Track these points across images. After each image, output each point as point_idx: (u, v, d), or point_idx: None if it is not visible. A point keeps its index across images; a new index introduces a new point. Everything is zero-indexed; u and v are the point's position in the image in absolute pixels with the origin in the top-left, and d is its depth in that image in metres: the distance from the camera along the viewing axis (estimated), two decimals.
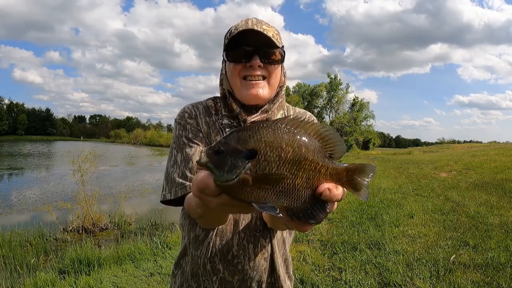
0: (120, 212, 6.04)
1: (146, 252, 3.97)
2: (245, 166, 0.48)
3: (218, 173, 0.49)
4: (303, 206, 0.53)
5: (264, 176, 0.49)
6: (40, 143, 53.49)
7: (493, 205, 5.98)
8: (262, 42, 0.91)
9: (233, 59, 0.94)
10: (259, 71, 0.93)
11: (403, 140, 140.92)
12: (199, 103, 1.03)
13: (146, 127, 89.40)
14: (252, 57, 0.91)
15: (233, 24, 0.98)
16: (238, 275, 0.96)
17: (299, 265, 3.48)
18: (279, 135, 0.50)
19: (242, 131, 0.51)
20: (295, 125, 0.52)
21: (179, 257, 1.05)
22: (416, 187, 8.52)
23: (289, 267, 1.07)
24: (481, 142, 64.06)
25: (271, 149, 0.49)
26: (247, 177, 0.48)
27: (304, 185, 0.52)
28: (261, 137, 0.50)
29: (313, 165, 0.52)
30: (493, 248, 3.79)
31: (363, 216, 5.49)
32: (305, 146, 0.51)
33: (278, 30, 0.99)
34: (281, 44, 0.96)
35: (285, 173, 0.50)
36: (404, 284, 3.02)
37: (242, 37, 0.91)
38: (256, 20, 0.95)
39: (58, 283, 3.15)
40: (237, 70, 0.94)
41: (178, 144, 0.96)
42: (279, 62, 0.96)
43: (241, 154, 0.49)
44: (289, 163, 0.50)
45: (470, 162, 12.51)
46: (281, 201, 0.51)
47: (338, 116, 43.66)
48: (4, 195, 8.64)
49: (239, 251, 0.95)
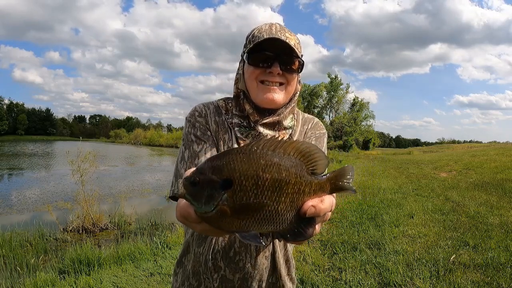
0: (120, 212, 6.03)
1: (146, 252, 3.97)
2: (221, 197, 0.47)
3: (196, 205, 0.48)
4: (289, 227, 0.51)
5: (242, 206, 0.47)
6: (40, 143, 53.45)
7: (493, 205, 5.99)
8: (284, 50, 0.92)
9: (254, 62, 0.95)
10: (278, 78, 0.94)
11: (403, 140, 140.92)
12: (210, 103, 1.05)
13: (146, 127, 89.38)
14: (273, 63, 0.93)
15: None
16: (239, 273, 0.96)
17: (299, 265, 3.49)
18: (255, 161, 0.47)
19: (215, 159, 0.48)
20: (272, 146, 0.49)
21: (181, 255, 1.06)
22: (416, 187, 8.53)
23: (291, 269, 1.07)
24: (481, 142, 64.09)
25: (246, 178, 0.47)
26: (225, 208, 0.47)
27: (288, 208, 0.50)
28: (235, 165, 0.47)
29: (297, 187, 0.50)
30: (493, 248, 3.80)
31: (363, 216, 5.49)
32: (285, 169, 0.49)
33: (299, 39, 1.00)
34: (301, 53, 0.97)
35: (265, 201, 0.47)
36: (404, 284, 3.02)
37: (265, 42, 0.92)
38: (280, 27, 0.96)
39: (58, 283, 3.15)
40: (255, 74, 0.95)
41: (187, 141, 0.98)
42: (297, 71, 0.97)
43: (216, 184, 0.47)
44: (269, 190, 0.48)
45: (470, 162, 12.52)
46: (264, 228, 0.49)
47: (338, 116, 43.68)
48: (4, 195, 8.63)
49: (240, 248, 0.96)
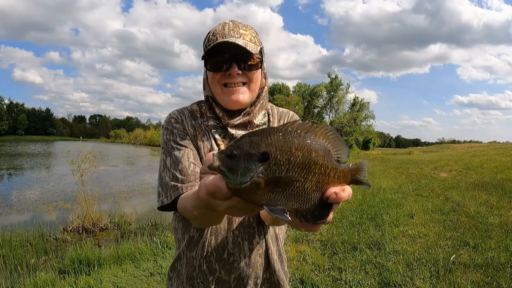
0: (120, 212, 6.03)
1: (146, 252, 3.97)
2: (258, 169, 0.49)
3: (231, 177, 0.49)
4: (311, 208, 0.54)
5: (276, 179, 0.50)
6: (40, 143, 53.47)
7: (493, 205, 5.98)
8: (239, 50, 0.91)
9: (212, 68, 0.95)
10: (239, 78, 0.94)
11: (403, 140, 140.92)
12: (184, 108, 1.05)
13: (146, 127, 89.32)
14: (230, 65, 0.92)
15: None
16: (234, 273, 0.97)
17: (299, 265, 3.49)
18: (290, 140, 0.51)
19: (253, 135, 0.52)
20: (305, 129, 0.53)
21: (174, 260, 1.06)
22: (416, 187, 8.52)
23: (284, 263, 1.08)
24: (481, 142, 64.14)
25: (281, 153, 0.50)
26: (260, 180, 0.49)
27: (314, 188, 0.53)
28: (272, 141, 0.51)
29: (323, 169, 0.53)
30: (493, 248, 3.80)
31: (363, 216, 5.49)
32: (315, 150, 0.52)
33: (256, 32, 0.99)
34: (258, 47, 0.96)
35: (295, 177, 0.51)
36: (404, 284, 3.02)
37: (219, 45, 0.92)
38: (233, 25, 0.95)
39: (58, 283, 3.15)
40: (216, 79, 0.95)
41: (167, 148, 0.97)
42: (257, 66, 0.96)
43: (254, 157, 0.50)
44: (299, 167, 0.51)
45: (470, 162, 12.52)
46: (290, 203, 0.52)
47: (338, 116, 43.69)
48: (4, 195, 8.63)
49: (234, 248, 0.96)
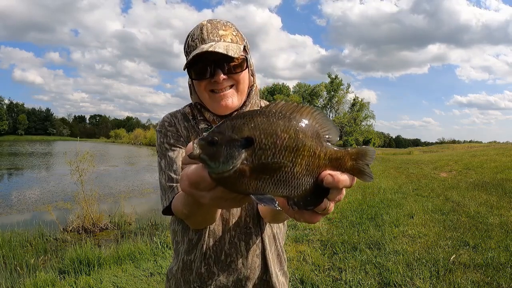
0: (120, 212, 6.03)
1: (146, 252, 3.97)
2: (241, 156, 0.46)
3: (213, 165, 0.46)
4: (303, 193, 0.50)
5: (262, 165, 0.46)
6: (40, 143, 53.47)
7: (493, 205, 5.98)
8: (220, 55, 0.85)
9: (196, 76, 0.91)
10: (225, 82, 0.90)
11: (403, 140, 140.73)
12: (177, 112, 1.04)
13: (146, 127, 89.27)
14: (215, 71, 0.88)
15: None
16: (232, 275, 0.96)
17: (299, 265, 3.48)
18: (274, 122, 0.47)
19: (235, 119, 0.48)
20: (290, 110, 0.49)
21: (172, 264, 1.06)
22: (416, 187, 8.52)
23: (283, 263, 1.07)
24: (481, 142, 64.09)
25: (266, 136, 0.46)
26: (244, 167, 0.46)
27: (304, 172, 0.49)
28: (255, 124, 0.47)
29: (312, 150, 0.49)
30: (493, 248, 3.79)
31: (363, 216, 5.49)
32: (302, 131, 0.48)
33: (237, 29, 0.94)
34: (241, 45, 0.91)
35: (283, 161, 0.47)
36: (404, 284, 3.02)
37: (199, 54, 0.86)
38: (211, 26, 0.90)
39: (58, 283, 3.15)
40: (203, 86, 0.92)
41: (161, 151, 0.96)
42: (243, 67, 0.92)
43: (237, 143, 0.46)
44: (286, 150, 0.47)
45: (470, 162, 12.51)
46: (280, 190, 0.48)
47: (338, 116, 43.72)
48: (4, 195, 8.63)
49: (231, 249, 0.96)
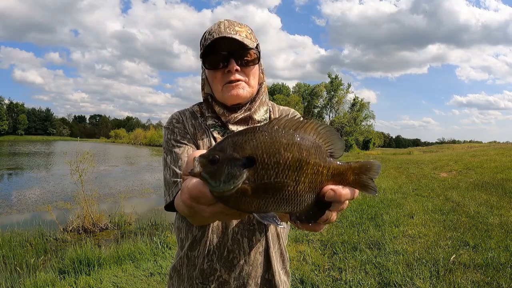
0: (120, 212, 6.03)
1: (146, 252, 3.97)
2: (243, 176, 0.45)
3: (214, 184, 0.45)
4: (306, 209, 0.50)
5: (264, 185, 0.46)
6: (40, 143, 53.46)
7: (493, 205, 5.98)
8: (236, 46, 0.93)
9: (210, 66, 0.97)
10: (238, 75, 0.95)
11: (403, 140, 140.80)
12: (185, 110, 1.07)
13: (146, 127, 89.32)
14: (229, 61, 0.94)
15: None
16: (234, 271, 0.96)
17: (299, 265, 3.48)
18: (277, 139, 0.46)
19: (237, 136, 0.47)
20: (293, 126, 0.48)
21: (176, 260, 1.06)
22: (416, 187, 8.52)
23: (286, 261, 1.08)
24: (481, 142, 64.14)
25: (268, 156, 0.46)
26: (246, 187, 0.45)
27: (307, 189, 0.49)
28: (258, 142, 0.46)
29: (315, 168, 0.49)
30: (493, 248, 3.79)
31: (363, 216, 5.49)
32: (305, 149, 0.48)
33: (251, 29, 1.01)
34: (255, 43, 0.98)
35: (286, 181, 0.47)
36: (404, 284, 3.02)
37: (216, 43, 0.93)
38: (228, 23, 0.96)
39: (58, 283, 3.15)
40: (217, 78, 0.97)
41: (167, 147, 0.98)
42: (255, 62, 0.98)
43: (238, 162, 0.45)
44: (290, 170, 0.47)
45: (470, 162, 12.50)
46: (282, 208, 0.49)
47: (338, 116, 43.72)
48: (4, 195, 8.63)
49: (233, 245, 0.96)
